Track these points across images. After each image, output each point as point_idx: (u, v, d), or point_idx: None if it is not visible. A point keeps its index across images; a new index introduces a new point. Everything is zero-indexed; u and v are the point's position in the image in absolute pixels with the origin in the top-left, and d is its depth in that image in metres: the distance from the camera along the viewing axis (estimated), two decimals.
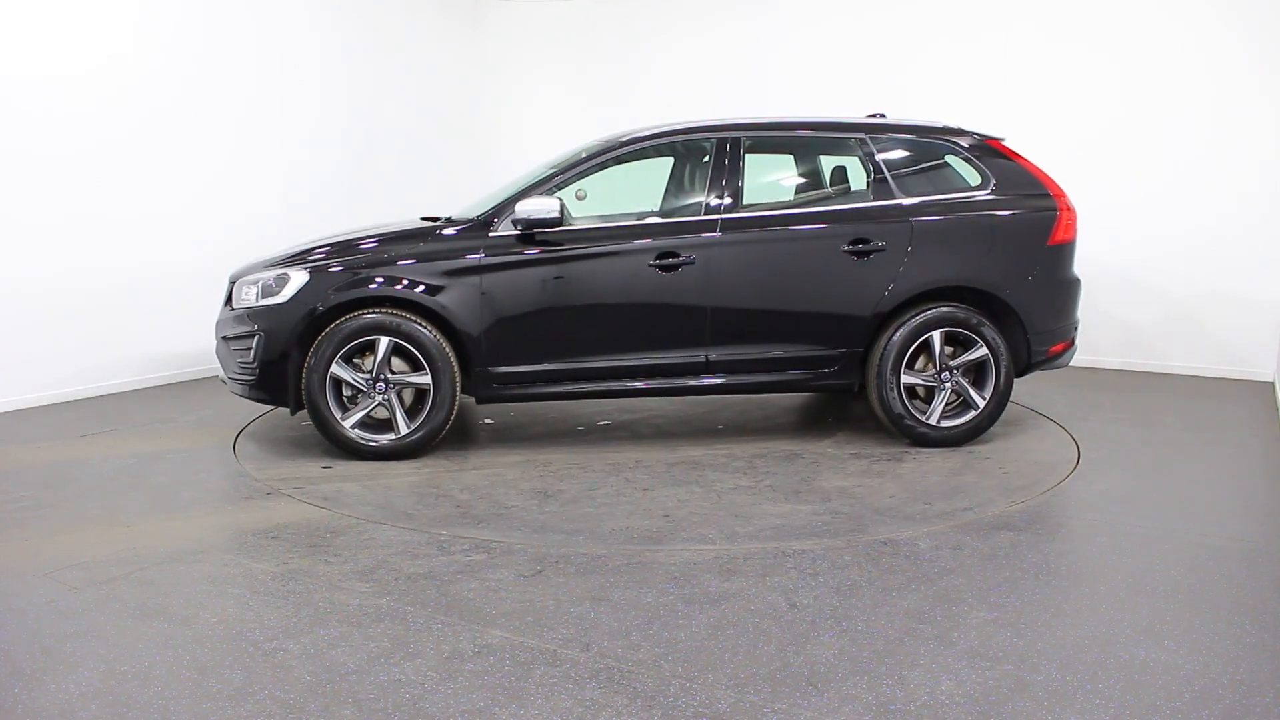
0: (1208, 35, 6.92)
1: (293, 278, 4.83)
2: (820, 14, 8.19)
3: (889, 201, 5.08)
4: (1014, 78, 7.49)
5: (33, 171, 5.93)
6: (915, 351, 5.04)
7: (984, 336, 5.01)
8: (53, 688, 2.62)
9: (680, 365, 5.01)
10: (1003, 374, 5.04)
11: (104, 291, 6.38)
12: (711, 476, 4.64)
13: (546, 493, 4.43)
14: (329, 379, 4.76)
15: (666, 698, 2.57)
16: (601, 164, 5.11)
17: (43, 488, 4.43)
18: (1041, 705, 2.53)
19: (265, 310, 4.83)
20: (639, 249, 4.95)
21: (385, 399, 4.80)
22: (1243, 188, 6.89)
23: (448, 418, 4.87)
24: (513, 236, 4.87)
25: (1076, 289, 5.27)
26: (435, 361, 4.78)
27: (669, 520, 4.02)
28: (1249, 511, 4.30)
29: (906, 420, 5.05)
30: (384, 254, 4.86)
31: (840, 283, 5.02)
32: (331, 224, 7.12)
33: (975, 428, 5.11)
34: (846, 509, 4.13)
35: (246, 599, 3.21)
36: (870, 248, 4.98)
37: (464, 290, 4.81)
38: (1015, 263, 5.09)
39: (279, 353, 4.79)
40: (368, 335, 4.75)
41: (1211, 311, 7.10)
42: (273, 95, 7.42)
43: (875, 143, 5.18)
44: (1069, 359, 5.34)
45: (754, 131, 5.25)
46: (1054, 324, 5.17)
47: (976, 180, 5.17)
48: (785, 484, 4.52)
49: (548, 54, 9.45)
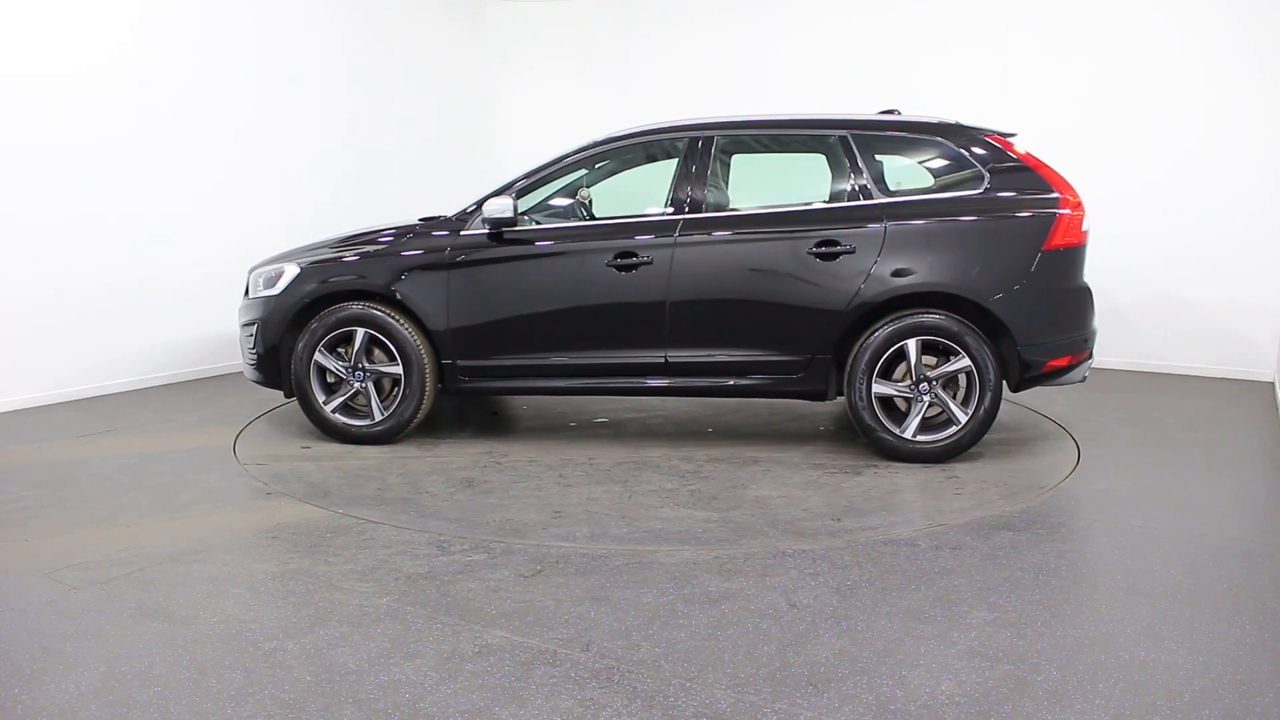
0: (1207, 35, 6.92)
1: (286, 271, 5.22)
2: (821, 13, 8.19)
3: (862, 202, 4.85)
4: (1014, 77, 7.49)
5: (33, 171, 5.93)
6: (893, 361, 4.78)
7: (967, 347, 4.67)
8: (53, 688, 2.62)
9: (639, 365, 4.98)
10: (988, 388, 4.69)
11: (104, 292, 6.38)
12: (644, 478, 4.63)
13: (471, 482, 4.55)
14: (314, 366, 5.11)
15: (666, 698, 2.57)
16: (575, 165, 5.20)
17: (43, 488, 4.44)
18: (1041, 705, 2.53)
19: (264, 301, 5.23)
20: (597, 249, 4.96)
21: (363, 387, 5.11)
22: (1243, 187, 6.89)
23: (418, 407, 5.09)
24: (483, 235, 5.04)
25: (1082, 298, 4.83)
26: (407, 353, 5.02)
27: (555, 516, 4.07)
28: (1249, 511, 4.30)
29: (878, 432, 4.79)
30: (365, 250, 5.17)
31: (804, 286, 4.80)
32: (331, 224, 7.15)
33: (955, 444, 4.76)
34: (745, 519, 4.02)
35: (246, 599, 3.21)
36: (838, 250, 4.76)
37: (433, 286, 5.03)
38: (1002, 268, 4.71)
39: (274, 340, 5.18)
40: (347, 327, 5.08)
41: (1211, 311, 7.10)
42: (273, 95, 7.42)
43: (857, 140, 4.94)
44: (1079, 375, 4.90)
45: (728, 131, 5.13)
46: (1052, 336, 4.75)
47: (969, 179, 4.85)
48: (708, 490, 4.43)
49: (548, 53, 9.45)
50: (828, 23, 8.17)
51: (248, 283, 5.46)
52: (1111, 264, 7.15)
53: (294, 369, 5.12)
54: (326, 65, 7.88)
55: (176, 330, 6.86)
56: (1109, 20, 7.21)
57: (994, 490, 4.41)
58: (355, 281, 5.08)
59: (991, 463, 4.84)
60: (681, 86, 8.70)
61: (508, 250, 5.02)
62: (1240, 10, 6.81)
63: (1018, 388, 4.83)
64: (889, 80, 7.83)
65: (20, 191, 5.89)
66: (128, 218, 6.48)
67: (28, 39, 5.85)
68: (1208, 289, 7.09)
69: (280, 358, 5.17)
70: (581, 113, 9.01)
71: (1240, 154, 6.88)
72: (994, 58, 7.57)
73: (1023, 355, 4.72)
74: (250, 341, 5.27)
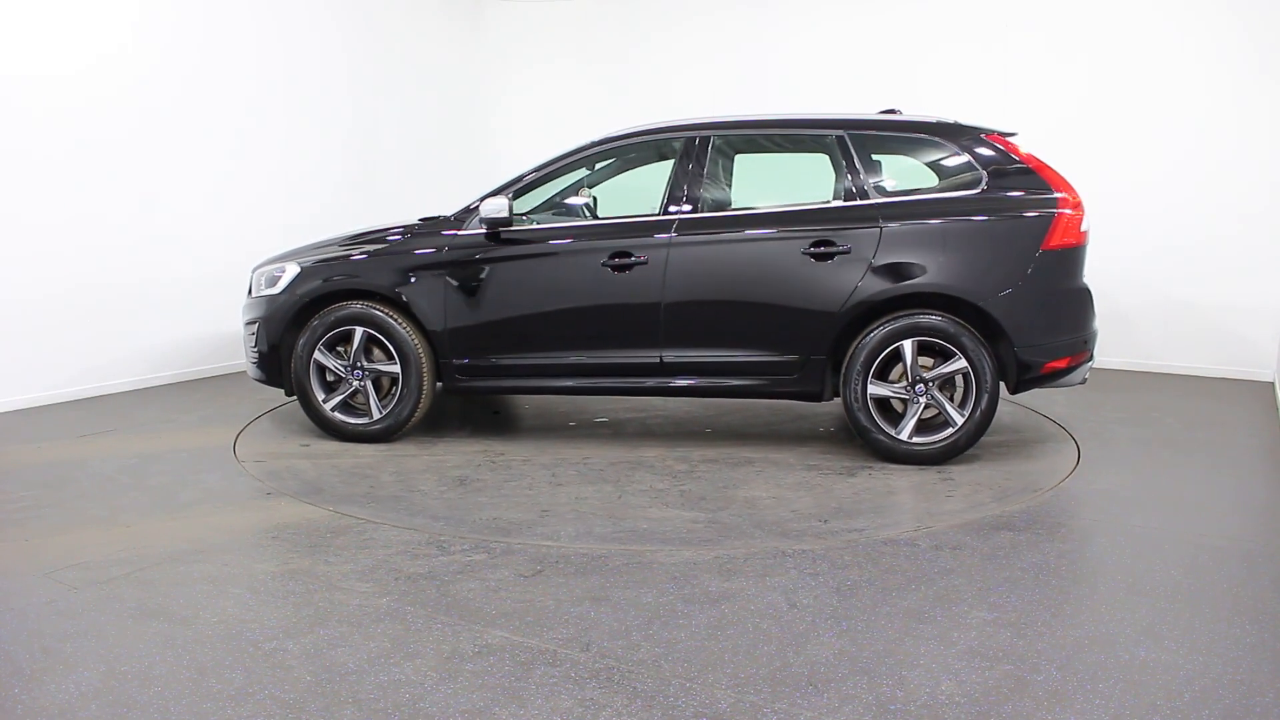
0: (1207, 35, 6.92)
1: (287, 270, 5.28)
2: (821, 13, 8.19)
3: (857, 202, 4.81)
4: (1014, 77, 7.49)
5: (32, 171, 5.93)
6: (890, 362, 4.73)
7: (963, 348, 4.62)
8: (53, 688, 2.62)
9: (635, 365, 4.98)
10: (985, 390, 4.64)
11: (104, 292, 6.38)
12: (636, 478, 4.63)
13: (464, 480, 4.58)
14: (314, 364, 5.15)
15: (666, 698, 2.57)
16: (573, 165, 5.21)
17: (43, 488, 4.44)
18: (1041, 705, 2.53)
19: (266, 300, 5.29)
20: (593, 249, 4.97)
21: (361, 385, 5.15)
22: (1244, 187, 6.89)
23: (416, 406, 5.12)
24: (480, 235, 5.06)
25: (1082, 299, 4.78)
26: (405, 353, 5.05)
27: (542, 515, 4.09)
28: (1249, 511, 4.30)
29: (873, 434, 4.76)
30: (365, 250, 5.23)
31: (799, 287, 4.77)
32: (331, 223, 7.14)
33: (952, 446, 4.71)
34: (732, 519, 4.01)
35: (246, 599, 3.21)
36: (833, 250, 4.72)
37: (430, 286, 5.06)
38: (999, 268, 4.65)
39: (275, 339, 5.23)
40: (346, 325, 5.12)
41: (1211, 311, 7.10)
42: (273, 95, 7.42)
43: (854, 140, 4.89)
44: (1079, 377, 4.85)
45: (725, 131, 5.10)
46: (1050, 338, 4.70)
47: (967, 179, 4.79)
48: (699, 490, 4.43)
49: (548, 53, 9.45)
50: (828, 23, 8.17)
51: (250, 282, 5.50)
52: (1112, 264, 7.15)
53: (294, 367, 5.16)
54: (327, 65, 7.88)
55: (177, 330, 6.87)
56: (1110, 20, 7.20)
57: (989, 492, 4.40)
58: (354, 281, 5.13)
59: (989, 464, 4.84)
60: (682, 86, 8.69)
61: (504, 250, 5.03)
62: (1240, 9, 6.81)
63: (1016, 390, 4.79)
64: (889, 80, 7.82)
65: (20, 191, 5.89)
66: (127, 217, 6.48)
67: (28, 39, 5.85)
68: (1208, 289, 7.09)
69: (281, 356, 5.21)
70: (582, 112, 9.01)
71: (1241, 154, 6.88)
72: (994, 57, 7.57)
73: (1020, 357, 4.67)
74: (252, 340, 5.32)
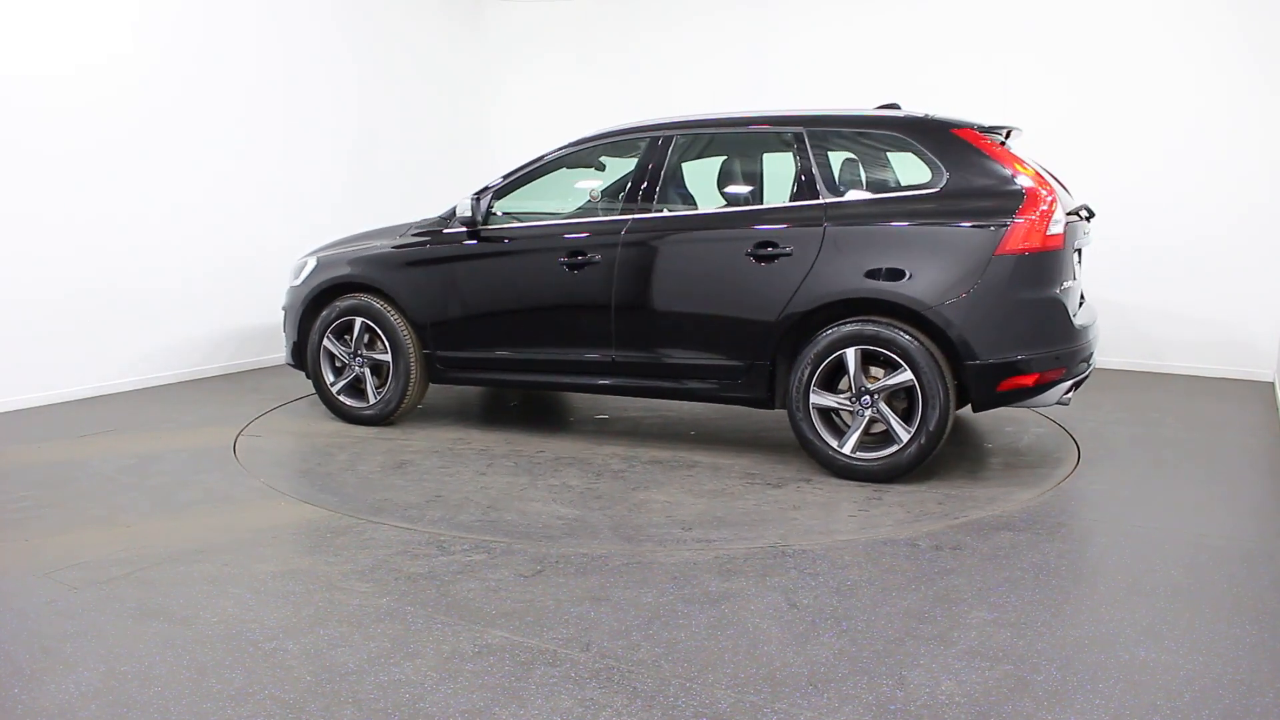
0: (1207, 35, 6.92)
1: (308, 263, 5.76)
2: (821, 13, 8.19)
3: (803, 202, 4.59)
4: (1014, 77, 7.49)
5: (33, 172, 5.92)
6: (839, 371, 4.46)
7: (910, 359, 4.27)
8: (53, 688, 2.62)
9: (589, 364, 5.02)
10: (934, 405, 4.26)
11: (104, 292, 6.37)
12: (561, 473, 4.66)
13: (403, 464, 4.83)
14: (324, 351, 5.61)
15: (666, 698, 2.57)
16: (549, 166, 5.27)
17: (43, 488, 4.43)
18: (1041, 705, 2.53)
19: (292, 290, 5.78)
20: (551, 248, 5.04)
21: (361, 371, 5.54)
22: (1243, 187, 6.89)
23: (404, 393, 5.44)
24: (460, 234, 5.27)
25: (1049, 310, 4.32)
26: (396, 343, 5.40)
27: (430, 500, 4.24)
28: (1249, 511, 4.29)
29: (815, 445, 4.50)
30: (367, 246, 5.57)
31: (741, 289, 4.61)
32: (332, 223, 7.16)
33: (894, 464, 4.37)
34: (599, 520, 3.98)
35: (246, 599, 3.21)
36: (776, 253, 4.53)
37: (415, 281, 5.36)
38: (946, 274, 4.27)
39: (296, 326, 5.70)
40: (348, 316, 5.51)
41: (1211, 311, 7.10)
42: (274, 95, 7.41)
43: (811, 137, 4.66)
44: (1053, 397, 4.44)
45: (686, 130, 5.03)
46: (1009, 352, 4.26)
47: (927, 176, 4.44)
48: (607, 489, 4.40)
49: (548, 52, 9.45)
50: (828, 22, 8.16)
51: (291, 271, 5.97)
52: (1111, 264, 7.16)
53: (309, 353, 5.63)
54: (327, 65, 7.87)
55: (177, 330, 6.86)
56: (1111, 20, 7.20)
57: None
58: (353, 275, 5.48)
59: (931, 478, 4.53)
60: (681, 86, 8.69)
61: (476, 248, 5.23)
62: (1240, 9, 6.80)
63: (978, 408, 4.44)
64: (889, 79, 7.81)
65: (20, 192, 5.88)
66: (128, 218, 6.47)
67: (28, 39, 5.85)
68: (1208, 289, 7.09)
69: (299, 342, 5.69)
70: (582, 112, 8.98)
71: (1241, 153, 6.88)
72: (994, 57, 7.56)
73: (972, 371, 4.30)
74: (285, 327, 5.83)
